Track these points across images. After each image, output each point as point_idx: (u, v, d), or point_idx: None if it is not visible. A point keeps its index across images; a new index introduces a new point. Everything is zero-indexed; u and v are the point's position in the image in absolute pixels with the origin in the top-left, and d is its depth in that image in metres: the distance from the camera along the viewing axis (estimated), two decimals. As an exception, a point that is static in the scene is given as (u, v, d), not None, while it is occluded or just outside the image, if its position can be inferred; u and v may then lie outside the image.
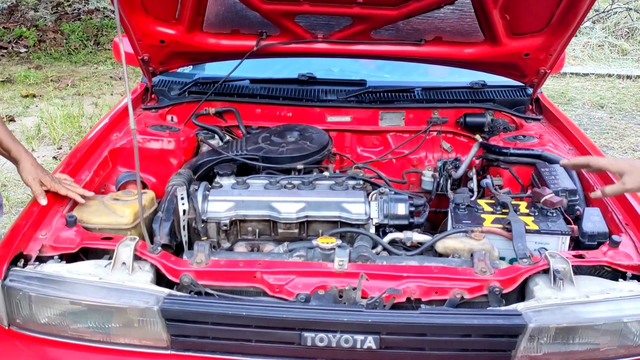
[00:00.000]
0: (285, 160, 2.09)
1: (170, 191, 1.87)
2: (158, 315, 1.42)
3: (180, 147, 2.16)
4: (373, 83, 2.59)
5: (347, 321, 1.41)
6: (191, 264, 1.57)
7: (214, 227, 1.87)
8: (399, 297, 1.50)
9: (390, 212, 1.86)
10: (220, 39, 2.31)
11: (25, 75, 6.53)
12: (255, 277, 1.56)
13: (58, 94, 6.08)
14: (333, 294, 1.50)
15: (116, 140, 2.11)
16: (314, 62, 2.66)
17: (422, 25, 2.20)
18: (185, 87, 2.50)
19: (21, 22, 7.94)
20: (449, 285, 1.53)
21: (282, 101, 2.48)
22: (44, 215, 1.69)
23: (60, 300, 1.44)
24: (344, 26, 2.23)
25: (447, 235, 1.72)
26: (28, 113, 5.50)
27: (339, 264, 1.56)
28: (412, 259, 1.65)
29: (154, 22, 2.20)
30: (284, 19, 2.19)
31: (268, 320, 1.42)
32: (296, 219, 1.84)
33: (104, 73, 6.88)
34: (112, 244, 1.58)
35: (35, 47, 7.54)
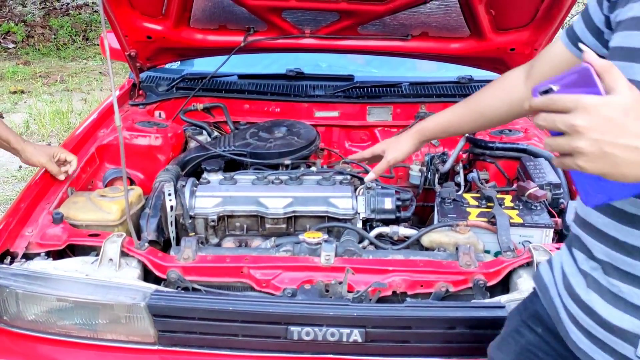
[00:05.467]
0: (273, 156, 2.10)
1: (158, 187, 1.87)
2: (145, 311, 1.43)
3: (167, 143, 2.16)
4: (361, 78, 2.59)
5: (332, 315, 1.42)
6: (178, 259, 1.58)
7: (202, 223, 1.87)
8: (385, 291, 1.52)
9: (377, 206, 1.87)
10: (208, 35, 2.31)
11: (14, 71, 6.48)
12: (242, 272, 1.57)
13: (47, 90, 6.04)
14: (319, 288, 1.51)
15: (103, 136, 2.11)
16: (302, 57, 2.66)
17: (409, 20, 2.21)
18: (173, 83, 2.50)
19: (9, 17, 7.87)
20: (434, 278, 1.55)
21: (270, 97, 2.48)
22: (31, 212, 1.69)
23: (47, 297, 1.45)
24: (331, 22, 2.24)
25: (433, 229, 1.73)
26: (16, 109, 5.46)
27: (326, 259, 1.58)
28: (398, 253, 1.66)
29: (141, 17, 2.19)
30: (271, 14, 2.19)
31: (254, 315, 1.43)
32: (283, 214, 1.85)
33: (93, 69, 6.84)
34: (98, 241, 1.58)
35: (23, 43, 7.48)
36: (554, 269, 1.09)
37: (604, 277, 0.92)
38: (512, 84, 1.31)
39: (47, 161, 1.75)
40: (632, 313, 0.87)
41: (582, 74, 0.74)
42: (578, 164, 0.73)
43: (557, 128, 0.74)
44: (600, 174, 0.73)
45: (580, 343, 0.97)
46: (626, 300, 0.88)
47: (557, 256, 1.10)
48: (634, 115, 0.71)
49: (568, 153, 0.75)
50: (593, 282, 0.94)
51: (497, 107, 1.35)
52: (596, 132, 0.71)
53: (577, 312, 0.97)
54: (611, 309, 0.90)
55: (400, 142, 1.63)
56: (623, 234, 0.88)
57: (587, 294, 0.95)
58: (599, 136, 0.71)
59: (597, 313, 0.92)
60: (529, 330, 1.12)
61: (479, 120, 1.42)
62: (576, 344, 0.98)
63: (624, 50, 0.85)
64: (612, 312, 0.90)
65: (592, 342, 0.94)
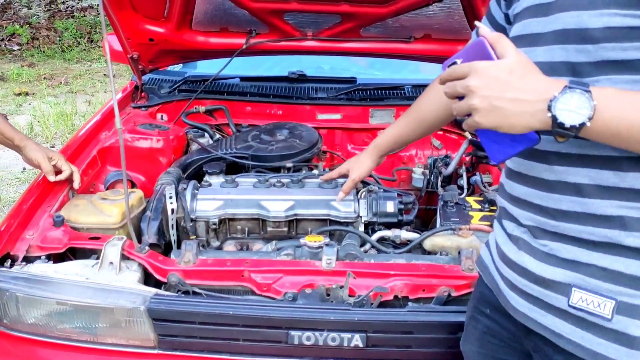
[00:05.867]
0: (275, 159, 2.09)
1: (159, 190, 1.86)
2: (145, 315, 1.43)
3: (169, 145, 2.15)
4: (363, 81, 2.58)
5: (333, 319, 1.41)
6: (179, 263, 1.57)
7: (203, 226, 1.87)
8: (386, 295, 1.51)
9: (379, 209, 1.86)
10: (209, 37, 2.31)
11: (18, 73, 6.50)
12: (243, 276, 1.56)
13: (51, 92, 6.06)
14: (320, 293, 1.50)
15: (105, 139, 2.11)
16: (304, 59, 2.66)
17: (411, 22, 2.20)
18: (175, 86, 2.50)
19: (14, 19, 7.90)
20: (436, 282, 1.54)
21: (272, 99, 2.47)
22: (32, 215, 1.69)
23: (47, 300, 1.44)
24: (333, 24, 2.23)
25: (435, 232, 1.72)
26: (21, 111, 5.48)
27: (327, 263, 1.57)
28: (399, 256, 1.65)
29: (143, 20, 2.19)
30: (273, 17, 2.19)
31: (255, 319, 1.43)
32: (285, 217, 1.84)
33: (97, 70, 6.87)
34: (99, 244, 1.58)
35: (28, 45, 7.51)
36: (490, 246, 1.15)
37: (533, 239, 0.99)
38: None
39: (43, 158, 1.75)
40: (563, 266, 0.94)
41: (479, 46, 0.87)
42: (475, 119, 0.85)
43: (457, 92, 0.87)
44: (494, 127, 0.85)
45: (518, 306, 1.02)
46: (556, 256, 0.95)
47: (492, 235, 1.16)
48: (518, 73, 0.83)
49: (469, 114, 0.86)
50: (524, 244, 1.01)
51: (434, 111, 1.45)
52: (486, 90, 0.83)
53: (512, 276, 1.02)
54: (543, 265, 0.96)
55: (361, 161, 1.72)
56: (545, 200, 0.96)
57: (519, 256, 1.01)
58: (489, 93, 0.83)
59: (531, 271, 0.98)
60: (480, 314, 1.17)
61: (423, 126, 1.51)
62: (515, 308, 1.02)
63: (524, 37, 0.97)
64: (545, 268, 0.96)
65: (529, 302, 0.99)
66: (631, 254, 0.88)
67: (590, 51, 0.86)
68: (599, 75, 0.86)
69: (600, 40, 0.84)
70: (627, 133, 0.80)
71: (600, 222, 0.90)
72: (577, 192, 0.91)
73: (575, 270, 0.92)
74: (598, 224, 0.90)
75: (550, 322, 0.96)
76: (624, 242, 0.88)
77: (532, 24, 0.96)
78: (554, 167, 0.93)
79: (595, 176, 0.89)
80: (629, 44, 0.82)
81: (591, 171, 0.90)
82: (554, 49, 0.91)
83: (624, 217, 0.88)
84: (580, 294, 0.91)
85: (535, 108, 0.82)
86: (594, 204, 0.90)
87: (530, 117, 0.82)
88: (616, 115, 0.80)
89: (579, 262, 0.92)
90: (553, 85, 0.82)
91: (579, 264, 0.92)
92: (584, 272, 0.92)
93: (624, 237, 0.88)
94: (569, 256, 0.93)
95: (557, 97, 0.80)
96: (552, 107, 0.80)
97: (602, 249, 0.90)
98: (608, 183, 0.88)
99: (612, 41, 0.84)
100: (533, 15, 0.96)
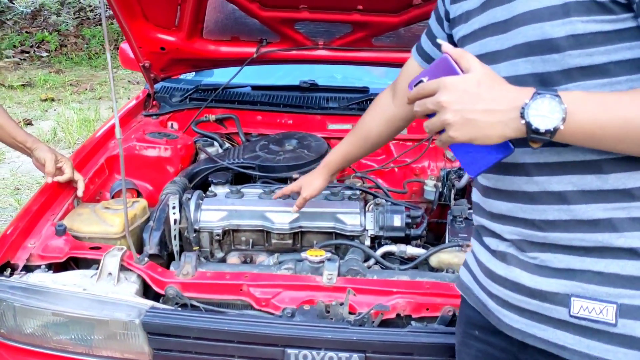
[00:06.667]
0: (282, 169, 2.06)
1: (163, 200, 1.85)
2: (140, 329, 1.40)
3: (177, 154, 2.14)
4: (376, 90, 2.54)
5: (331, 338, 1.37)
6: (177, 275, 1.55)
7: (207, 237, 1.84)
8: (388, 314, 1.46)
9: (385, 223, 1.81)
10: (220, 46, 2.30)
11: (45, 79, 6.63)
12: (241, 290, 1.53)
13: (76, 98, 6.16)
14: (319, 309, 1.46)
15: (113, 147, 2.11)
16: (316, 69, 2.63)
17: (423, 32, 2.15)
18: (186, 94, 2.50)
19: (43, 26, 8.08)
20: (441, 301, 1.48)
21: (283, 108, 2.45)
22: (35, 223, 1.69)
23: (43, 311, 1.43)
24: (345, 33, 2.20)
25: (441, 249, 1.67)
26: (46, 117, 5.58)
27: (328, 278, 1.53)
28: (403, 273, 1.60)
29: (155, 29, 2.19)
30: (284, 26, 2.17)
31: (250, 336, 1.39)
32: (289, 229, 1.81)
33: (122, 77, 6.96)
34: (99, 254, 1.57)
35: (56, 52, 7.66)
36: (470, 266, 1.11)
37: (521, 253, 0.96)
38: (382, 103, 1.44)
39: (50, 159, 1.75)
40: (558, 276, 0.91)
41: (444, 63, 0.88)
42: (449, 134, 0.84)
43: (428, 109, 0.86)
44: (469, 140, 0.84)
45: (514, 323, 0.98)
46: (549, 267, 0.92)
47: (469, 255, 1.13)
48: (486, 85, 0.83)
49: (442, 130, 0.85)
50: (512, 258, 0.97)
51: (377, 128, 1.46)
52: (457, 104, 0.83)
53: (504, 293, 0.99)
54: (537, 277, 0.93)
55: (312, 180, 1.71)
56: (529, 213, 0.94)
57: (509, 271, 0.98)
58: (460, 106, 0.83)
59: (525, 285, 0.95)
60: (470, 338, 1.13)
61: (368, 144, 1.52)
62: (510, 325, 0.99)
63: (482, 56, 0.95)
64: (539, 280, 0.93)
65: (526, 317, 0.96)
66: (624, 254, 0.86)
67: (556, 60, 0.86)
68: (568, 83, 0.86)
69: (566, 49, 0.85)
70: (601, 132, 0.80)
71: (589, 227, 0.88)
72: (562, 200, 0.90)
73: (571, 279, 0.90)
74: (587, 229, 0.88)
75: (552, 335, 0.93)
76: (615, 244, 0.87)
77: (490, 42, 0.96)
78: (535, 178, 0.92)
79: (577, 182, 0.88)
80: (594, 49, 0.83)
81: (573, 177, 0.89)
82: (518, 63, 0.91)
83: (611, 219, 0.87)
84: (580, 303, 0.89)
85: (508, 117, 0.81)
86: (580, 209, 0.88)
87: (504, 126, 0.82)
88: (588, 116, 0.80)
89: (573, 270, 0.90)
90: (522, 93, 0.82)
91: (574, 272, 0.90)
92: (580, 279, 0.89)
93: (615, 239, 0.87)
94: (561, 265, 0.91)
95: (528, 104, 0.80)
96: (524, 114, 0.80)
97: (594, 254, 0.88)
98: (591, 187, 0.88)
99: (577, 48, 0.84)
100: (490, 34, 0.96)
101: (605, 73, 0.84)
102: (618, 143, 0.81)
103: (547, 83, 0.88)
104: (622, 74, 0.83)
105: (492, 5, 0.96)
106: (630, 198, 0.86)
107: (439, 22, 1.19)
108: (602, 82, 0.84)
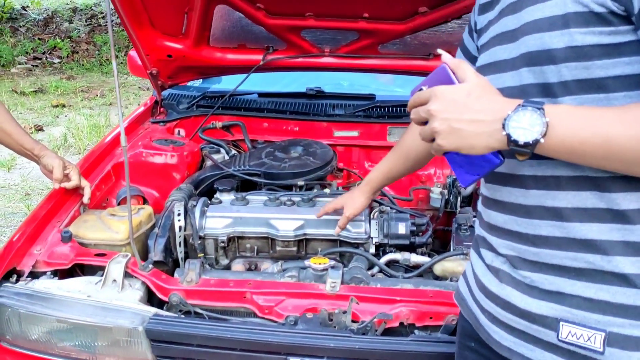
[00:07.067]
0: (287, 176, 2.06)
1: (169, 207, 1.86)
2: (143, 336, 1.41)
3: (183, 161, 2.15)
4: (382, 97, 2.54)
5: (334, 347, 1.37)
6: (181, 282, 1.56)
7: (212, 244, 1.85)
8: (391, 322, 1.45)
9: (390, 231, 1.81)
10: (227, 53, 2.31)
11: (57, 85, 6.70)
12: (245, 297, 1.53)
13: (87, 104, 6.21)
14: (322, 317, 1.46)
15: (120, 154, 2.12)
16: (323, 76, 2.63)
17: (430, 39, 2.15)
18: (193, 101, 2.51)
19: (56, 33, 8.18)
20: (445, 310, 1.47)
21: (289, 115, 2.45)
22: (41, 229, 1.70)
23: (47, 317, 1.44)
24: (351, 40, 2.21)
25: (445, 257, 1.66)
26: (57, 123, 5.63)
27: (331, 286, 1.52)
28: (407, 282, 1.59)
29: (162, 36, 2.21)
30: (290, 33, 2.18)
31: (253, 344, 1.39)
32: (294, 236, 1.81)
33: (132, 84, 7.02)
34: (104, 261, 1.57)
35: (68, 58, 7.75)
36: (468, 277, 1.11)
37: (514, 270, 0.95)
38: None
39: (58, 165, 1.76)
40: (548, 299, 0.90)
41: (441, 72, 0.89)
42: (438, 142, 0.86)
43: (421, 117, 0.88)
44: (455, 149, 0.85)
45: (503, 340, 0.98)
46: (539, 288, 0.91)
47: (468, 265, 1.12)
48: (475, 95, 0.83)
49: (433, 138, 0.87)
50: (505, 275, 0.97)
51: (415, 147, 1.43)
52: (445, 113, 0.84)
53: (495, 310, 0.99)
54: (527, 298, 0.93)
55: (354, 198, 1.69)
56: (523, 227, 0.93)
57: (501, 289, 0.97)
58: (447, 115, 0.84)
59: (515, 305, 0.94)
60: (465, 349, 1.12)
61: (409, 162, 1.50)
62: (499, 342, 0.98)
63: (491, 65, 0.98)
64: (529, 301, 0.92)
65: (515, 336, 0.96)
66: (615, 280, 0.85)
67: (554, 71, 0.86)
68: (566, 96, 0.85)
69: (563, 60, 0.84)
70: (582, 148, 0.79)
71: (581, 246, 0.87)
72: (557, 216, 0.89)
73: (560, 303, 0.89)
74: (579, 249, 0.87)
75: (540, 356, 0.92)
76: (606, 268, 0.85)
77: (499, 51, 0.97)
78: (531, 191, 0.91)
79: (573, 199, 0.87)
80: (591, 62, 0.82)
81: (569, 193, 0.87)
82: (522, 72, 0.91)
83: (604, 241, 0.85)
84: (569, 328, 0.88)
85: (491, 128, 0.82)
86: (574, 227, 0.87)
87: (488, 137, 0.82)
88: (569, 131, 0.79)
89: (563, 293, 0.89)
90: (508, 104, 0.82)
91: (564, 296, 0.89)
92: (569, 304, 0.88)
93: (606, 263, 0.85)
94: (552, 287, 0.90)
95: (510, 116, 0.80)
96: (505, 126, 0.81)
97: (585, 278, 0.87)
98: (586, 205, 0.86)
99: (575, 60, 0.83)
100: (499, 42, 0.97)
101: (603, 88, 0.83)
102: (601, 160, 0.80)
103: (549, 94, 0.87)
104: (619, 90, 0.82)
105: (505, 14, 0.97)
106: (625, 220, 0.84)
107: (470, 34, 1.18)
108: (599, 97, 0.83)
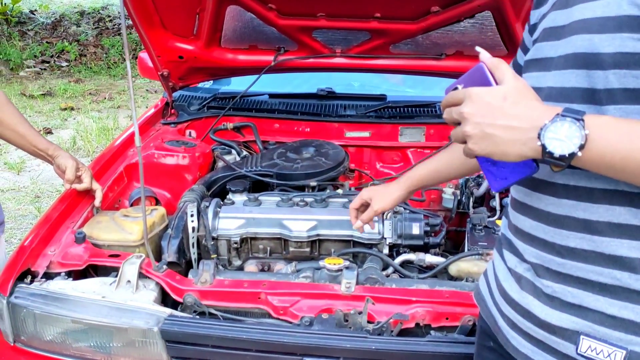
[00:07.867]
0: (299, 177, 2.06)
1: (182, 208, 1.86)
2: (158, 336, 1.40)
3: (195, 162, 2.15)
4: (394, 98, 2.53)
5: (350, 347, 1.36)
6: (195, 283, 1.55)
7: (225, 245, 1.84)
8: (407, 323, 1.44)
9: (404, 231, 1.80)
10: (238, 54, 2.31)
11: (65, 88, 6.72)
12: (259, 298, 1.52)
13: (95, 107, 6.23)
14: (338, 318, 1.45)
15: (132, 155, 2.12)
16: (334, 76, 2.63)
17: (442, 39, 2.14)
18: (204, 102, 2.51)
19: (64, 36, 8.21)
20: (461, 310, 1.46)
21: (301, 116, 2.45)
22: (55, 231, 1.70)
23: (63, 318, 1.44)
24: (362, 41, 2.20)
25: (460, 257, 1.65)
26: (65, 126, 5.65)
27: (346, 287, 1.51)
28: (422, 282, 1.58)
29: (173, 38, 2.21)
30: (301, 34, 2.17)
31: (268, 345, 1.38)
32: (307, 237, 1.80)
33: (140, 86, 7.03)
34: (118, 262, 1.57)
35: (76, 61, 7.77)
36: (489, 278, 1.08)
37: (537, 279, 0.92)
38: None
39: (71, 166, 1.76)
40: (569, 311, 0.88)
41: (478, 72, 0.85)
42: (469, 146, 0.82)
43: (453, 118, 0.84)
44: (487, 154, 0.81)
45: (521, 347, 0.96)
46: (561, 300, 0.89)
47: (490, 265, 1.10)
48: (512, 100, 0.78)
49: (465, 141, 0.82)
50: (527, 283, 0.94)
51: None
52: (478, 117, 0.79)
53: (514, 316, 0.97)
54: (548, 309, 0.90)
55: (389, 191, 1.57)
56: (550, 236, 0.90)
57: (522, 297, 0.95)
58: (480, 119, 0.79)
59: (535, 315, 0.92)
60: (485, 349, 1.11)
61: (465, 166, 1.39)
62: (517, 348, 0.97)
63: (536, 61, 0.94)
64: (549, 312, 0.90)
65: (533, 344, 0.94)
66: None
67: (600, 77, 0.80)
68: (611, 104, 0.80)
69: (611, 66, 0.79)
70: (622, 164, 0.75)
71: (610, 262, 0.83)
72: (586, 229, 0.85)
73: (582, 317, 0.86)
74: (607, 264, 0.83)
75: None
76: (632, 286, 0.82)
77: (545, 47, 0.92)
78: (562, 201, 0.87)
79: (605, 213, 0.83)
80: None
81: (601, 207, 0.83)
82: (565, 74, 0.86)
83: (634, 259, 0.81)
84: (589, 343, 0.85)
85: (526, 136, 0.77)
86: (603, 242, 0.83)
87: (522, 145, 0.78)
88: (610, 146, 0.75)
89: (585, 307, 0.86)
90: (546, 112, 0.77)
91: (587, 310, 0.86)
92: (591, 319, 0.85)
93: (633, 281, 0.81)
94: (574, 300, 0.87)
95: (547, 126, 0.75)
96: (541, 136, 0.76)
97: (609, 294, 0.84)
98: (619, 220, 0.82)
99: (624, 67, 0.78)
100: (547, 38, 0.92)
101: None
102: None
103: (591, 100, 0.82)
104: None
105: (556, 8, 0.92)
106: None
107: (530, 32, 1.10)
108: None
